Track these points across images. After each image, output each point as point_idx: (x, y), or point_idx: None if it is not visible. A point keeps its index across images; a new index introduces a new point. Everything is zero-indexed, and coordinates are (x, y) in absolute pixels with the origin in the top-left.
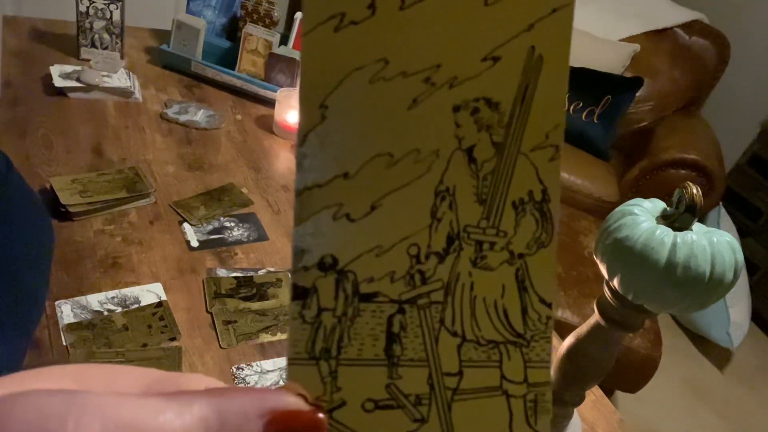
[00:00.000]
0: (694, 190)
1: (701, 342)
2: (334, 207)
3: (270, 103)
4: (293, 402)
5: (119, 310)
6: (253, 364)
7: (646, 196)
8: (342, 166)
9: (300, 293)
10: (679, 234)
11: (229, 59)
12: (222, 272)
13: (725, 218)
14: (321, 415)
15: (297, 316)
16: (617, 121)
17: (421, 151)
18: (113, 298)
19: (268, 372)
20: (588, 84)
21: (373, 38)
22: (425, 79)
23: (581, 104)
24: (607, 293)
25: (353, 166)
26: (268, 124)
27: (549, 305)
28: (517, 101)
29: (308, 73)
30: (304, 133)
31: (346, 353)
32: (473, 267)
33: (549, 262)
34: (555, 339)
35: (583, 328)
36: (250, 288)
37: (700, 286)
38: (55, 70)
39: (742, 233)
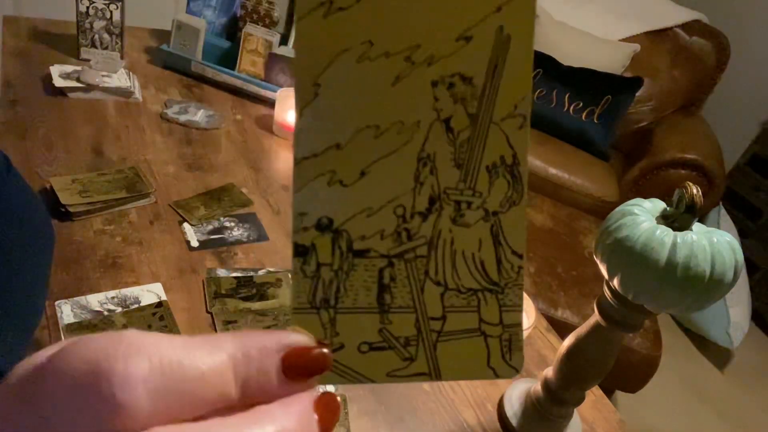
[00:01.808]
0: (694, 190)
1: (701, 342)
2: (329, 174)
3: (270, 103)
4: (305, 339)
5: (119, 310)
6: None
7: (646, 196)
8: (334, 137)
9: (301, 251)
10: (679, 234)
11: (229, 59)
12: (222, 272)
13: (725, 218)
14: (326, 350)
15: (299, 271)
16: (617, 121)
17: (404, 123)
18: (113, 298)
19: None
20: (588, 84)
21: (358, 23)
22: (406, 58)
23: (581, 104)
24: (607, 293)
25: (344, 138)
26: (268, 124)
27: (520, 256)
28: (488, 76)
29: (302, 56)
30: (300, 108)
31: (342, 303)
32: (453, 224)
33: (520, 218)
34: (555, 339)
35: (583, 328)
36: (250, 288)
37: (700, 286)
38: (55, 70)
39: (742, 233)
